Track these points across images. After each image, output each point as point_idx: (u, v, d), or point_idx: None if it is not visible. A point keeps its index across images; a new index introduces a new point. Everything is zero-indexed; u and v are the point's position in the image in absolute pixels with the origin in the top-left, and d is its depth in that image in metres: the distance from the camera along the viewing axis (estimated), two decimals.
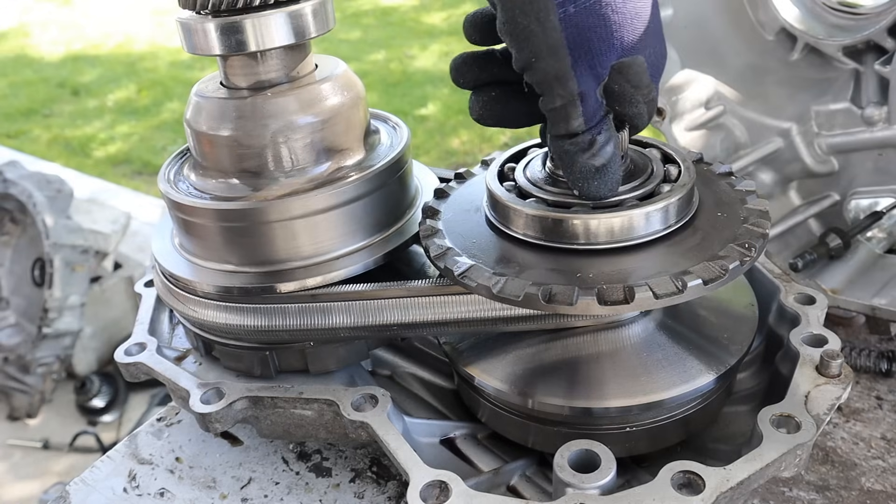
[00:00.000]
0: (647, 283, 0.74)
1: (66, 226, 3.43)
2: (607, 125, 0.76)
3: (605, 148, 0.76)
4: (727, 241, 0.79)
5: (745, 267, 0.77)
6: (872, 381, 1.11)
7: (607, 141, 0.76)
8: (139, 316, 1.09)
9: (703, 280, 0.75)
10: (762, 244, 0.80)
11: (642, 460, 0.91)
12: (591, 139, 0.75)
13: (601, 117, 0.75)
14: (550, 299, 0.75)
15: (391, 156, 0.96)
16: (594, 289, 0.74)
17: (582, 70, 0.72)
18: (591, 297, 0.74)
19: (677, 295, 0.74)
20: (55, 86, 7.31)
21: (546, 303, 0.75)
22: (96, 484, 1.00)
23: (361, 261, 0.93)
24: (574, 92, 0.72)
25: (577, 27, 0.70)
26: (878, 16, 1.17)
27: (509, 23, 0.70)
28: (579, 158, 0.76)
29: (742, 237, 0.80)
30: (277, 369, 0.96)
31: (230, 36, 0.86)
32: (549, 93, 0.72)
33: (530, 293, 0.76)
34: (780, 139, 1.34)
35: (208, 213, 0.91)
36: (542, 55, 0.70)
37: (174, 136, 6.06)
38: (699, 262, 0.76)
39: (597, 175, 0.76)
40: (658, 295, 0.73)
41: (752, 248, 0.78)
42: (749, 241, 0.79)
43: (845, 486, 0.93)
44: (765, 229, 0.81)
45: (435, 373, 1.06)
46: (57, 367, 3.56)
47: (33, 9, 9.63)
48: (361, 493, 0.96)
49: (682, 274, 0.75)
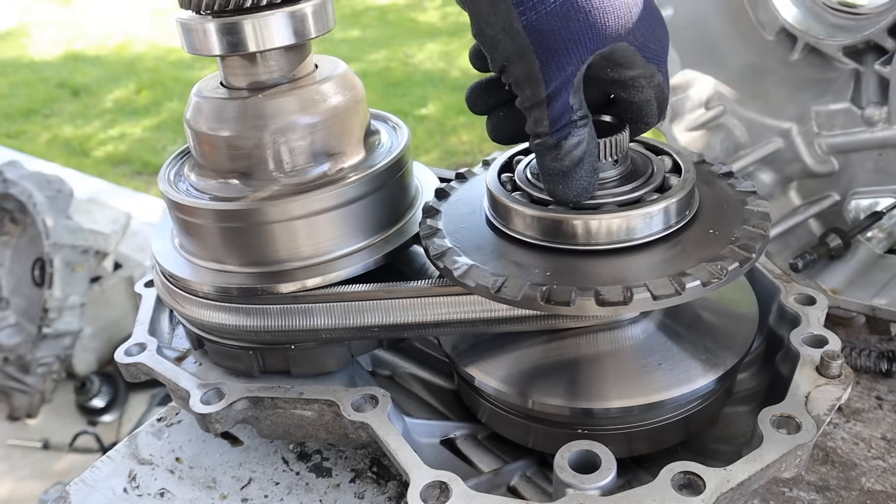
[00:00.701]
0: (646, 285, 0.74)
1: (66, 226, 3.43)
2: (578, 131, 0.76)
3: (573, 153, 0.76)
4: (727, 242, 0.79)
5: (744, 268, 0.77)
6: (872, 382, 1.11)
7: (575, 146, 0.76)
8: (139, 316, 1.09)
9: (701, 281, 0.75)
10: (762, 246, 0.80)
11: (643, 461, 0.91)
12: (556, 142, 0.76)
13: (569, 121, 0.76)
14: (548, 300, 0.75)
15: (391, 156, 0.96)
16: (592, 290, 0.74)
17: (550, 73, 0.73)
18: (590, 297, 0.74)
19: (676, 296, 0.74)
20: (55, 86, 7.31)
21: (544, 303, 0.75)
22: (96, 484, 1.00)
23: (361, 261, 0.93)
24: (541, 95, 0.74)
25: (540, 32, 0.72)
26: (879, 16, 1.17)
27: (479, 34, 0.75)
28: (545, 159, 0.78)
29: (742, 238, 0.80)
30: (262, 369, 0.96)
31: (230, 36, 0.86)
32: (521, 93, 0.76)
33: (528, 294, 0.76)
34: (781, 139, 1.34)
35: (208, 214, 0.91)
36: (513, 60, 0.74)
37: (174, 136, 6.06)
38: (698, 264, 0.76)
39: (562, 178, 0.78)
40: (656, 296, 0.73)
41: (752, 249, 0.78)
42: (749, 243, 0.79)
43: (845, 487, 0.93)
44: (765, 231, 0.81)
45: (435, 373, 1.06)
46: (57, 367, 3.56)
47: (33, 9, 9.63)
48: (362, 493, 0.96)
49: (680, 275, 0.75)
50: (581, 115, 0.76)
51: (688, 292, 0.74)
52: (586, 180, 0.78)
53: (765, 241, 0.81)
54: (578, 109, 0.76)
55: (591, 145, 0.78)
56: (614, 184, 0.84)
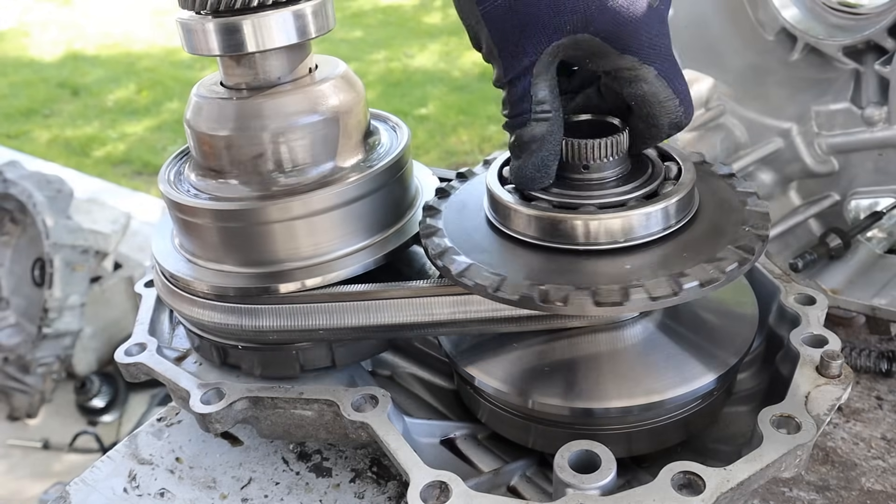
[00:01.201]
0: (644, 285, 0.74)
1: (66, 226, 3.43)
2: (536, 125, 0.79)
3: (526, 143, 0.79)
4: (727, 242, 0.79)
5: (743, 269, 0.77)
6: (872, 382, 1.11)
7: (529, 138, 0.79)
8: (139, 316, 1.09)
9: (700, 282, 0.75)
10: (761, 246, 0.80)
11: (643, 461, 0.91)
12: (511, 128, 0.80)
13: (526, 111, 0.78)
14: (546, 300, 0.75)
15: (391, 156, 0.96)
16: (590, 290, 0.74)
17: (507, 61, 0.77)
18: (587, 297, 0.74)
19: (673, 297, 0.74)
20: (55, 86, 7.31)
21: (542, 303, 0.75)
22: (96, 484, 1.00)
23: (361, 261, 0.93)
24: (503, 78, 0.78)
25: (495, 22, 0.75)
26: (879, 16, 1.17)
27: (461, 19, 0.79)
28: (508, 141, 0.82)
29: (741, 239, 0.79)
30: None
31: (230, 36, 0.86)
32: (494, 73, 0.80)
33: (526, 293, 0.76)
34: (781, 139, 1.34)
35: (208, 214, 0.91)
36: (482, 45, 0.79)
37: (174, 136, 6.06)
38: (697, 264, 0.76)
39: (516, 161, 0.82)
40: (654, 297, 0.73)
41: (752, 250, 0.78)
42: (748, 244, 0.79)
43: (845, 487, 0.93)
44: (764, 231, 0.81)
45: (435, 373, 1.06)
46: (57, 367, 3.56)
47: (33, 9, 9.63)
48: (362, 493, 0.96)
49: (678, 275, 0.75)
50: (543, 110, 0.78)
51: (685, 293, 0.74)
52: (532, 172, 0.81)
53: (764, 242, 0.81)
54: (542, 104, 0.78)
55: (547, 142, 0.79)
56: (614, 183, 0.84)
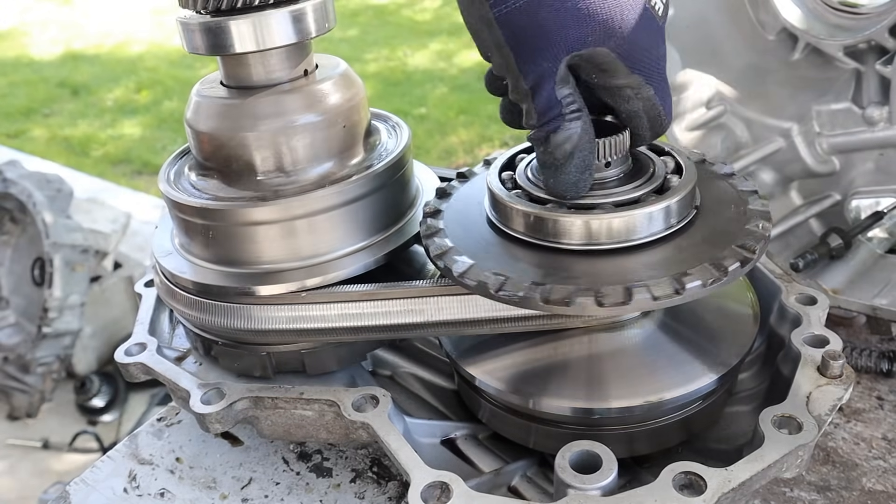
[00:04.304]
0: (646, 285, 0.74)
1: (66, 225, 3.43)
2: (569, 125, 0.76)
3: (562, 147, 0.76)
4: (728, 242, 0.79)
5: (745, 269, 0.77)
6: (873, 382, 1.11)
7: (565, 140, 0.76)
8: (139, 316, 1.09)
9: (702, 282, 0.74)
10: (763, 246, 0.80)
11: (644, 461, 0.91)
12: (546, 135, 0.76)
13: (558, 115, 0.75)
14: (548, 300, 0.75)
15: (392, 156, 0.96)
16: (592, 290, 0.74)
17: (525, 66, 0.74)
18: (589, 298, 0.74)
19: (676, 297, 0.74)
20: (55, 85, 7.30)
21: (544, 303, 0.75)
22: (96, 484, 0.99)
23: (362, 261, 0.92)
24: (523, 87, 0.74)
25: (511, 26, 0.72)
26: (880, 16, 1.17)
27: (465, 23, 0.76)
28: (538, 152, 0.79)
29: (743, 239, 0.79)
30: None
31: (230, 36, 0.86)
32: (509, 84, 0.76)
33: (528, 294, 0.76)
34: (781, 139, 1.34)
35: (208, 214, 0.91)
36: (492, 50, 0.75)
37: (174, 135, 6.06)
38: (699, 264, 0.76)
39: (553, 172, 0.78)
40: (656, 297, 0.73)
41: (753, 249, 0.78)
42: (750, 243, 0.78)
43: (846, 487, 0.93)
44: (766, 231, 0.81)
45: (435, 373, 1.06)
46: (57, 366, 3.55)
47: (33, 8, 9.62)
48: (362, 493, 0.96)
49: (681, 275, 0.75)
50: (572, 110, 0.76)
51: (688, 293, 0.74)
52: (576, 175, 0.78)
53: (766, 241, 0.80)
54: (571, 103, 0.75)
55: (584, 141, 0.77)
56: (615, 183, 0.84)
